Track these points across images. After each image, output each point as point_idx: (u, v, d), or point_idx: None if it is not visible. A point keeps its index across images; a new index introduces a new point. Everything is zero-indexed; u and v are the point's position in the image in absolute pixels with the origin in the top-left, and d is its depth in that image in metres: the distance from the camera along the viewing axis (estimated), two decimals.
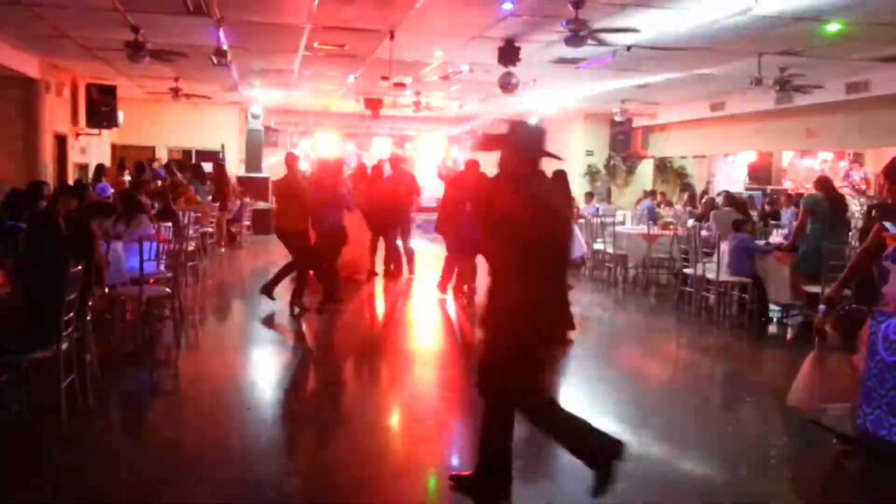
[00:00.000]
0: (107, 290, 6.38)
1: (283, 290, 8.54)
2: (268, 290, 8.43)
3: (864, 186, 16.87)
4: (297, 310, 8.14)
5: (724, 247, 8.74)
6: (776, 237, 9.58)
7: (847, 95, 11.59)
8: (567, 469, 4.11)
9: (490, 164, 4.16)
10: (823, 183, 8.40)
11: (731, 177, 19.10)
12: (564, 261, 3.83)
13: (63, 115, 14.14)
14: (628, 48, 9.31)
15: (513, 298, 3.47)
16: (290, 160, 8.76)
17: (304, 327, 7.96)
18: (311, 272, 8.52)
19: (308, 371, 6.59)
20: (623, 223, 12.90)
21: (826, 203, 7.97)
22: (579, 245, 9.63)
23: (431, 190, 15.72)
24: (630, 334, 8.50)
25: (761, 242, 9.15)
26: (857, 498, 4.20)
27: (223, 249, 13.81)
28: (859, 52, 9.52)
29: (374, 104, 15.82)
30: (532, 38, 9.29)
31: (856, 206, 13.95)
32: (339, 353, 7.15)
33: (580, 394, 5.96)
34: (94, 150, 16.17)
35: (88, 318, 5.02)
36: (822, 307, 7.41)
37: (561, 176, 7.74)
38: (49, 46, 11.22)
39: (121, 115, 15.49)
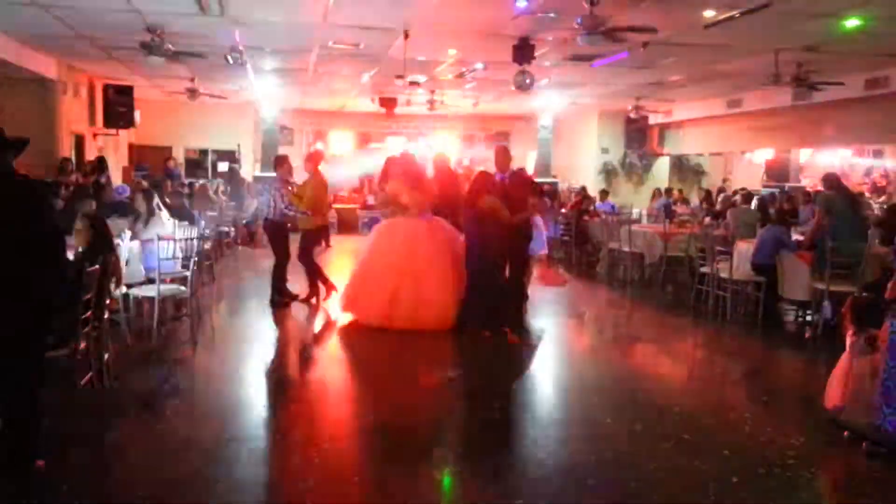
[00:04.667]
0: (124, 288, 6.43)
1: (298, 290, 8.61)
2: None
3: (883, 183, 16.70)
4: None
5: (741, 245, 8.69)
6: (794, 235, 9.49)
7: (866, 91, 11.47)
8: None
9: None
10: (832, 181, 8.33)
11: (749, 174, 18.97)
12: None
13: (80, 116, 14.27)
14: (644, 45, 9.25)
15: None
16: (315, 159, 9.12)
17: (319, 325, 8.00)
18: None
19: (325, 368, 6.60)
20: (638, 221, 12.85)
21: (840, 201, 7.92)
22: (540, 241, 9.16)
23: None
24: (646, 333, 8.45)
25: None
26: (876, 498, 4.15)
27: (240, 247, 13.90)
28: (878, 47, 9.42)
29: (388, 103, 15.84)
30: (547, 36, 9.26)
31: (875, 204, 13.81)
32: (356, 351, 7.15)
33: (596, 393, 5.93)
34: (111, 149, 16.30)
35: (105, 317, 5.05)
36: (825, 304, 7.50)
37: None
38: (66, 47, 11.32)
39: (138, 115, 15.61)
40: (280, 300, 8.55)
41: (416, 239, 7.58)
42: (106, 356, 5.04)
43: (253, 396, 5.63)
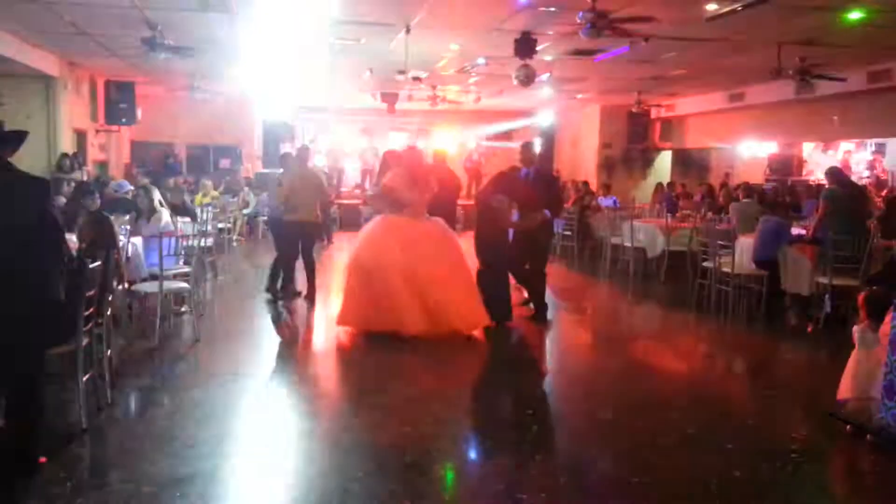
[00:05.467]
0: (126, 285, 6.44)
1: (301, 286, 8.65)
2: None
3: (885, 176, 16.65)
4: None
5: (744, 239, 8.67)
6: (796, 229, 9.48)
7: (869, 84, 11.43)
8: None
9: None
10: (835, 174, 8.33)
11: (751, 168, 18.91)
12: None
13: (82, 112, 14.27)
14: (646, 39, 9.22)
15: None
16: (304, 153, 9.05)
17: (323, 321, 8.00)
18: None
19: (326, 364, 6.61)
20: (640, 215, 12.84)
21: (843, 195, 7.92)
22: None
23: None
24: (648, 328, 8.45)
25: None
26: (878, 491, 4.15)
27: (236, 241, 13.92)
28: (881, 40, 9.38)
29: (390, 99, 15.84)
30: (548, 30, 9.24)
31: (878, 199, 13.77)
32: (357, 348, 7.15)
33: (598, 387, 5.94)
34: (113, 146, 16.31)
35: (108, 313, 5.05)
36: (826, 297, 7.50)
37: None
38: (68, 44, 11.31)
39: (139, 111, 15.60)
40: (274, 294, 8.68)
41: (419, 240, 7.06)
42: (108, 353, 5.04)
43: (255, 393, 5.63)
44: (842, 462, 4.58)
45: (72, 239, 5.61)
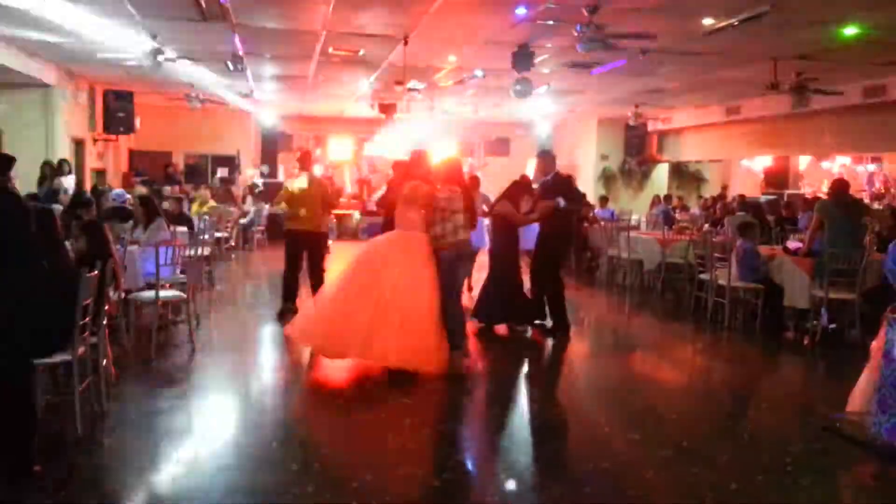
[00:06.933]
0: (123, 294, 6.44)
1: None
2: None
3: (883, 190, 16.70)
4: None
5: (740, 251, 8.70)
6: (793, 242, 9.52)
7: (864, 99, 11.50)
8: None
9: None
10: (834, 187, 8.36)
11: (747, 181, 18.99)
12: None
13: (80, 121, 14.29)
14: (643, 52, 9.27)
15: None
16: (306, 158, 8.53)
17: None
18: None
19: (322, 374, 6.59)
20: (637, 227, 12.87)
21: (836, 209, 7.93)
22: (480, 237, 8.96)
23: None
24: (644, 340, 8.46)
25: (776, 247, 9.12)
26: None
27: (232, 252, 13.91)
28: (877, 55, 9.45)
29: (387, 109, 15.87)
30: (546, 43, 9.28)
31: (876, 210, 13.81)
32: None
33: (594, 400, 5.94)
34: (111, 155, 16.33)
35: (104, 322, 5.05)
36: (823, 310, 7.49)
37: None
38: (66, 53, 11.33)
39: (137, 120, 15.62)
40: (284, 309, 8.26)
41: (379, 258, 6.23)
42: (104, 361, 5.04)
43: (251, 402, 5.63)
44: (837, 476, 4.59)
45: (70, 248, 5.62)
